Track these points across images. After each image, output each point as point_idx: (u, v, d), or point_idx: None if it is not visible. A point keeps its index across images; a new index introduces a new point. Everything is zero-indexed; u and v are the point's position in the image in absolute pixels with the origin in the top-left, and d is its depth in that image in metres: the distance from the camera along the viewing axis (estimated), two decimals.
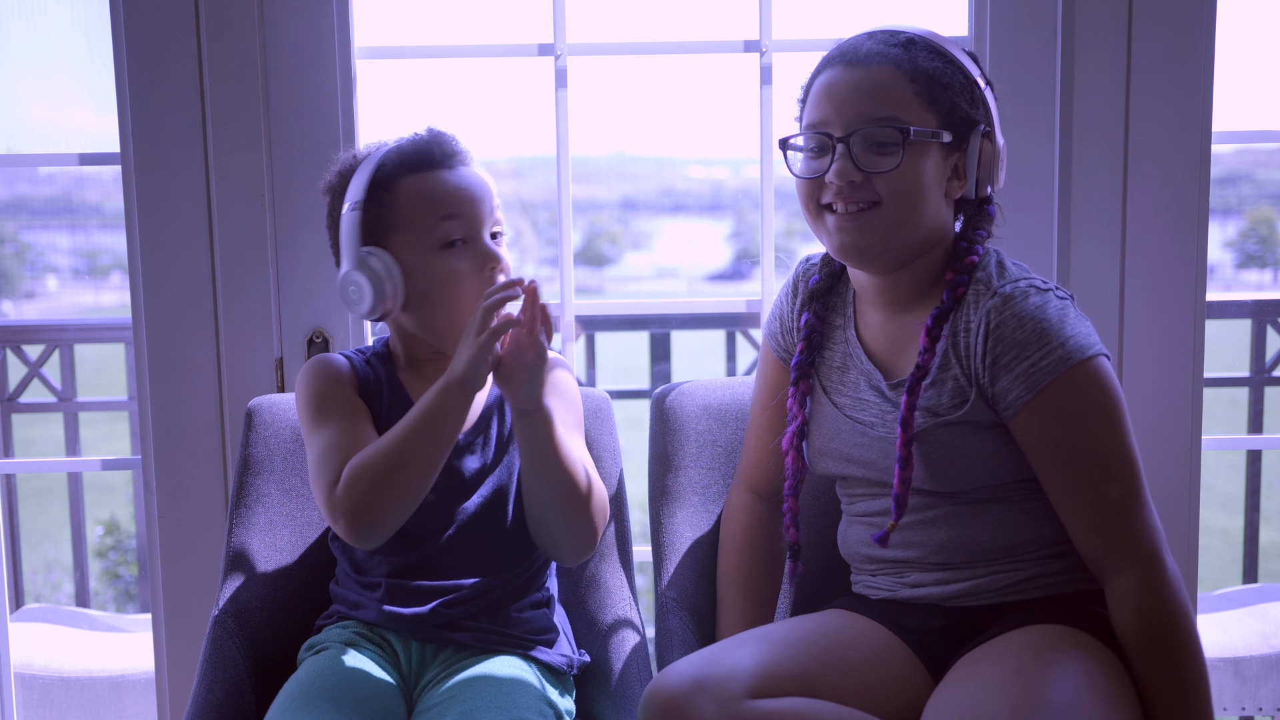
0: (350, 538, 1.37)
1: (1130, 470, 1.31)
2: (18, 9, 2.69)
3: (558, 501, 1.40)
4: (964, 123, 1.37)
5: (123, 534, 5.87)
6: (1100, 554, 1.31)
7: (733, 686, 1.23)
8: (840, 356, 1.48)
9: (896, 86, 1.35)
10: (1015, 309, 1.32)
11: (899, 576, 1.43)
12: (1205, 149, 1.81)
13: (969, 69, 1.39)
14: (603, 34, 1.92)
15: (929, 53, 1.37)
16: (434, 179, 1.47)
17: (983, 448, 1.35)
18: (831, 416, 1.47)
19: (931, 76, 1.36)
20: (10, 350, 2.73)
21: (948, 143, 1.36)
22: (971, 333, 1.34)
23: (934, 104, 1.35)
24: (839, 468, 1.47)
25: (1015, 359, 1.31)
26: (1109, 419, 1.30)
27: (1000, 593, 1.37)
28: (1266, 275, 16.65)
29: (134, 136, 1.80)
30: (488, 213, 1.47)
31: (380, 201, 1.46)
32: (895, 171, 1.34)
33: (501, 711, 1.31)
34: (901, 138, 1.33)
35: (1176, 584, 1.29)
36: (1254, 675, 2.18)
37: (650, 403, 1.72)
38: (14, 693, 2.06)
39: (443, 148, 1.49)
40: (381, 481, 1.35)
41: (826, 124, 1.37)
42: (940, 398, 1.36)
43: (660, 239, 23.25)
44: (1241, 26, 2.03)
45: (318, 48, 1.82)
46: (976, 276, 1.37)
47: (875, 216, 1.36)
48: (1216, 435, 2.01)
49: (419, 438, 1.36)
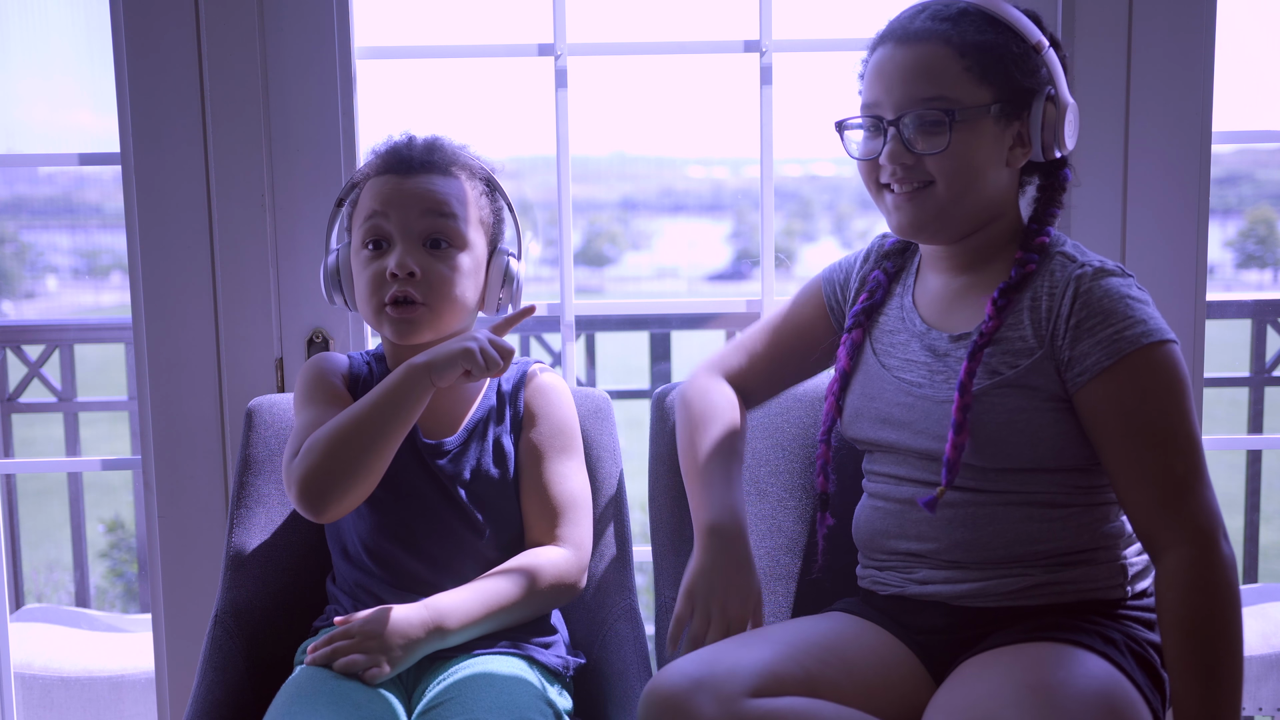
0: (301, 507, 1.39)
1: (1196, 450, 1.31)
2: (18, 9, 2.69)
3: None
4: (1023, 91, 1.36)
5: (125, 532, 5.87)
6: (1156, 528, 1.29)
7: (733, 685, 1.22)
8: (894, 320, 1.49)
9: (945, 64, 1.35)
10: (1105, 281, 1.34)
11: (908, 573, 1.43)
12: (1205, 149, 1.81)
13: (1027, 33, 1.37)
14: (603, 34, 1.92)
15: (981, 23, 1.36)
16: (383, 182, 1.50)
17: (1032, 418, 1.34)
18: (878, 376, 1.47)
19: (983, 49, 1.35)
20: (10, 350, 2.72)
21: (1004, 114, 1.36)
22: (1056, 296, 1.35)
23: (986, 77, 1.35)
24: (873, 431, 1.46)
25: (1100, 324, 1.31)
26: (1181, 399, 1.31)
27: (1007, 597, 1.37)
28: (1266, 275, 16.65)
29: (134, 136, 1.80)
30: (415, 214, 1.47)
31: (351, 199, 1.55)
32: (945, 152, 1.35)
33: (504, 712, 1.31)
34: (949, 119, 1.34)
35: (1229, 568, 1.27)
36: (1254, 675, 2.18)
37: (650, 403, 1.72)
38: (14, 693, 2.06)
39: (408, 153, 1.51)
40: (332, 451, 1.38)
41: (879, 105, 1.39)
42: (1000, 356, 1.36)
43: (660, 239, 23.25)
44: (1241, 26, 2.03)
45: (318, 48, 1.82)
46: (1057, 252, 1.38)
47: (930, 195, 1.37)
48: (1216, 435, 2.01)
49: (374, 411, 1.39)
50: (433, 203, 1.48)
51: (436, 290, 1.47)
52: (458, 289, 1.49)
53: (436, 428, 1.52)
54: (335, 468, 1.38)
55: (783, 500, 1.66)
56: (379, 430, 1.39)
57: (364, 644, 1.36)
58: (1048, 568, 1.37)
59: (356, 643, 1.36)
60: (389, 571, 1.46)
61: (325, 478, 1.38)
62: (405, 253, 1.47)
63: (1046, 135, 1.38)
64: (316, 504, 1.38)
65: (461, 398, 1.55)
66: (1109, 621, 1.35)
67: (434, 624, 1.38)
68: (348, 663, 1.35)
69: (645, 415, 1.76)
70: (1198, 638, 1.25)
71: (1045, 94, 1.37)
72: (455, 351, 1.39)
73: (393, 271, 1.46)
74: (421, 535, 1.47)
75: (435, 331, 1.50)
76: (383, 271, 1.47)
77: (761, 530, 1.65)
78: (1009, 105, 1.36)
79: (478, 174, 1.55)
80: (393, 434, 1.40)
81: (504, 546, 1.50)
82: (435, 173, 1.50)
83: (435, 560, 1.47)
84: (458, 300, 1.50)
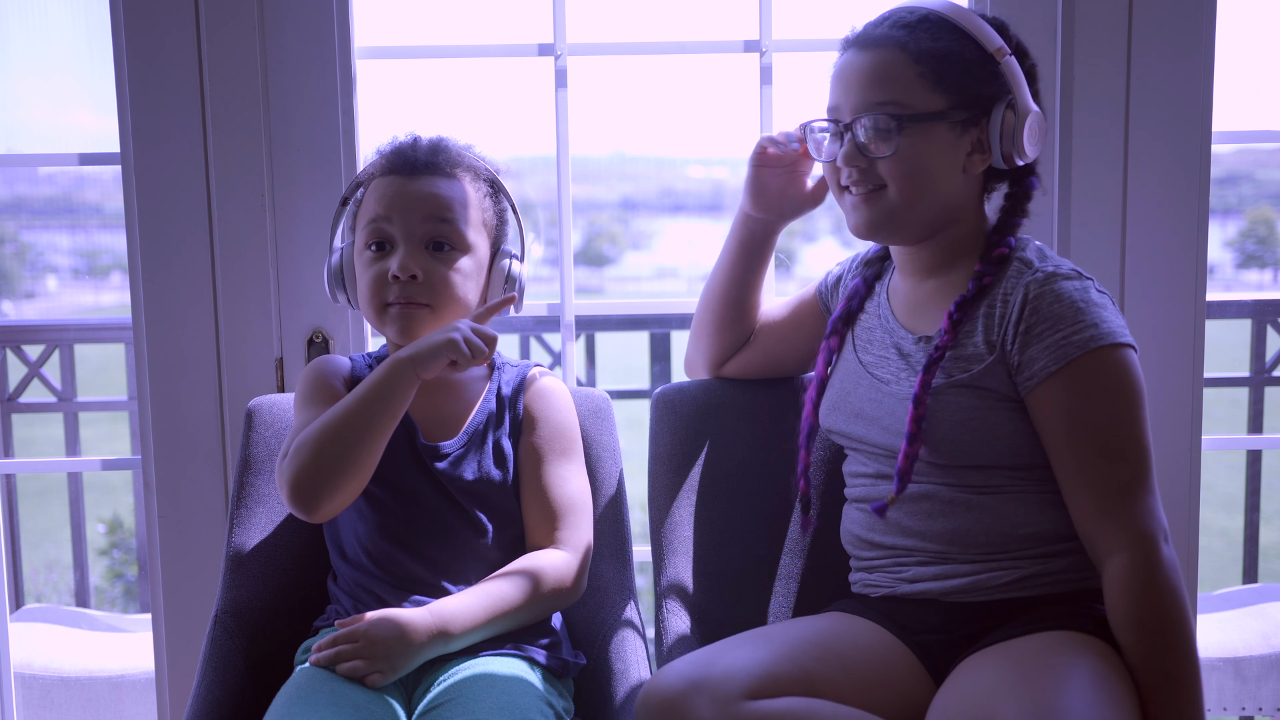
0: (293, 506, 1.40)
1: (1142, 457, 1.32)
2: (18, 9, 2.69)
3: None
4: (981, 98, 1.38)
5: (125, 533, 5.87)
6: (1099, 534, 1.31)
7: (730, 687, 1.22)
8: (872, 318, 1.53)
9: (899, 70, 1.37)
10: (1056, 286, 1.34)
11: (897, 573, 1.43)
12: (1205, 149, 1.81)
13: (986, 40, 1.38)
14: (603, 34, 1.92)
15: (938, 30, 1.38)
16: (387, 184, 1.51)
17: (986, 417, 1.36)
18: (855, 371, 1.50)
19: (938, 56, 1.37)
20: (10, 350, 2.72)
21: (963, 119, 1.37)
22: (1009, 303, 1.36)
23: (941, 83, 1.37)
24: (845, 424, 1.49)
25: (1048, 330, 1.33)
26: (1129, 404, 1.32)
27: (999, 590, 1.37)
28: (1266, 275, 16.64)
29: (134, 136, 1.80)
30: (418, 218, 1.48)
31: (355, 199, 1.56)
32: (896, 156, 1.37)
33: (504, 713, 1.31)
34: (896, 123, 1.36)
35: (1171, 571, 1.28)
36: (1254, 675, 2.18)
37: (650, 403, 1.72)
38: (14, 693, 2.06)
39: (413, 154, 1.52)
40: (321, 449, 1.39)
41: (838, 109, 1.43)
42: (954, 360, 1.38)
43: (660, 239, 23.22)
44: (1241, 26, 2.03)
45: (318, 48, 1.82)
46: (1017, 258, 1.40)
47: (883, 198, 1.41)
48: (1216, 435, 2.01)
49: (360, 406, 1.40)
50: (435, 206, 1.49)
51: (439, 292, 1.48)
52: (460, 291, 1.50)
53: (437, 430, 1.52)
54: (325, 465, 1.38)
55: (783, 500, 1.66)
56: (366, 426, 1.40)
57: (368, 649, 1.35)
58: (1036, 558, 1.37)
59: (361, 647, 1.35)
60: (389, 572, 1.46)
61: (315, 475, 1.38)
62: (408, 255, 1.47)
63: (1005, 143, 1.39)
64: (308, 502, 1.39)
65: (462, 400, 1.55)
66: (1100, 605, 1.35)
67: (438, 629, 1.38)
68: (350, 668, 1.34)
69: (645, 415, 1.76)
70: (1147, 640, 1.27)
71: (1005, 101, 1.38)
72: (439, 343, 1.40)
73: (395, 274, 1.47)
74: (422, 536, 1.47)
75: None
76: (385, 273, 1.48)
77: (761, 531, 1.65)
78: (965, 112, 1.38)
79: (482, 175, 1.55)
80: (380, 429, 1.40)
81: (506, 547, 1.50)
82: (439, 174, 1.51)
83: (436, 561, 1.47)
84: (460, 301, 1.50)
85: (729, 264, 1.62)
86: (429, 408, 1.53)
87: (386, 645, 1.35)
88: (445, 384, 1.55)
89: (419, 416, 1.52)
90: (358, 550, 1.48)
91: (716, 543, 1.63)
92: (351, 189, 1.57)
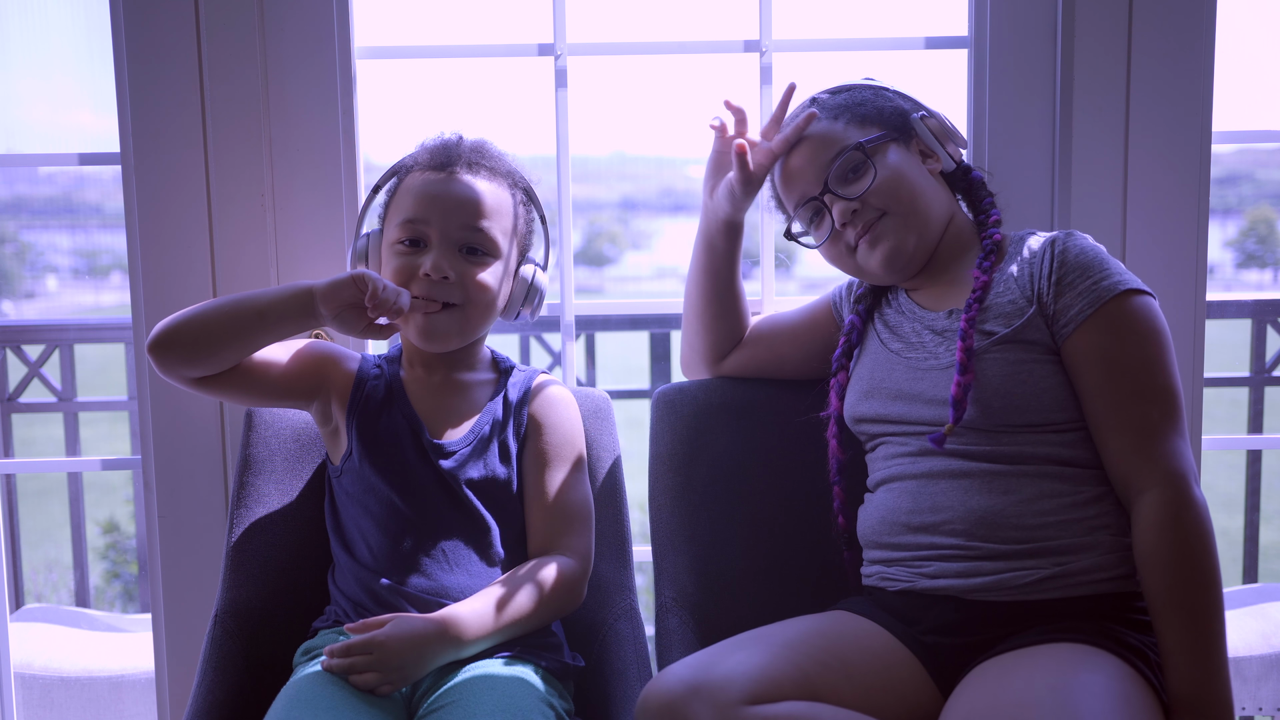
0: (148, 345, 1.42)
1: (1173, 398, 1.38)
2: (18, 9, 2.69)
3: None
4: (898, 117, 1.54)
5: (122, 534, 5.87)
6: (1132, 473, 1.36)
7: (729, 692, 1.22)
8: (896, 313, 1.58)
9: (829, 131, 1.53)
10: (1078, 241, 1.45)
11: (919, 568, 1.43)
12: (1205, 149, 1.81)
13: (868, 83, 1.58)
14: (603, 34, 1.92)
15: (832, 97, 1.57)
16: (422, 180, 1.52)
17: (1032, 369, 1.40)
18: (885, 360, 1.54)
19: (846, 106, 1.54)
20: (10, 350, 2.72)
21: (897, 138, 1.52)
22: (1035, 261, 1.45)
23: (864, 120, 1.53)
24: (884, 407, 1.51)
25: (1079, 278, 1.41)
26: (1159, 347, 1.39)
27: (1019, 590, 1.37)
28: (1266, 275, 16.64)
29: (134, 136, 1.80)
30: (456, 223, 1.50)
31: (391, 189, 1.57)
32: (878, 179, 1.49)
33: (506, 713, 1.31)
34: (862, 154, 1.50)
35: (1199, 510, 1.32)
36: (1254, 675, 2.18)
37: (650, 403, 1.72)
38: (14, 693, 2.06)
39: (448, 153, 1.53)
40: (200, 313, 1.43)
41: (803, 194, 1.54)
42: (995, 319, 1.44)
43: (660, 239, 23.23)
44: (1241, 26, 2.03)
45: (318, 48, 1.82)
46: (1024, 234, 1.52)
47: (887, 223, 1.50)
48: (1216, 435, 2.01)
49: (250, 304, 1.44)
50: (474, 211, 1.50)
51: (468, 293, 1.50)
52: (488, 294, 1.52)
53: (443, 428, 1.53)
54: (191, 326, 1.42)
55: (783, 500, 1.66)
56: (244, 325, 1.43)
57: (382, 661, 1.34)
58: (1056, 559, 1.37)
59: (375, 660, 1.35)
60: (393, 568, 1.46)
61: (178, 327, 1.42)
62: (441, 256, 1.49)
63: (942, 140, 1.54)
64: (158, 346, 1.42)
65: (469, 401, 1.56)
66: (1121, 626, 1.35)
67: (450, 639, 1.38)
68: (363, 681, 1.34)
69: (645, 415, 1.76)
70: (1174, 576, 1.29)
71: (917, 114, 1.54)
72: (345, 278, 1.42)
73: (427, 272, 1.49)
74: (427, 533, 1.47)
75: (462, 336, 1.53)
76: (415, 268, 1.50)
77: (761, 530, 1.65)
78: (895, 131, 1.53)
79: (519, 183, 1.58)
80: (252, 334, 1.44)
81: (510, 545, 1.51)
82: (480, 175, 1.53)
83: (440, 558, 1.47)
84: (487, 305, 1.52)
85: (702, 260, 1.66)
86: (436, 406, 1.54)
87: (401, 656, 1.35)
88: (453, 384, 1.57)
89: (426, 414, 1.53)
90: (363, 546, 1.48)
91: (716, 543, 1.63)
92: (387, 176, 1.58)
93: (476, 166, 1.53)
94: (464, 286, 1.50)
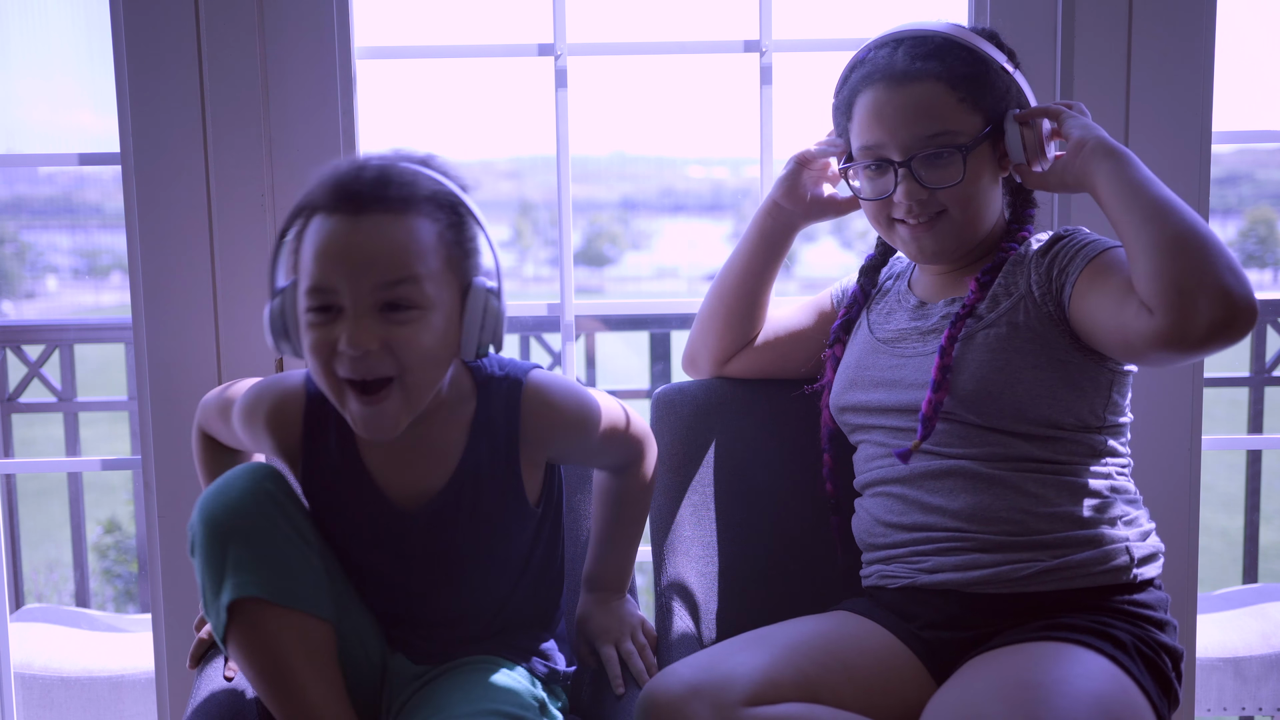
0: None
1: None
2: (18, 9, 2.69)
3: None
4: (1001, 108, 1.45)
5: (123, 534, 5.87)
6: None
7: (730, 693, 1.22)
8: (891, 304, 1.57)
9: (943, 101, 1.42)
10: (1063, 230, 1.46)
11: (917, 563, 1.43)
12: (1205, 149, 1.81)
13: (997, 57, 1.45)
14: (603, 34, 1.92)
15: (965, 56, 1.43)
16: (324, 231, 1.24)
17: (1011, 358, 1.39)
18: (873, 348, 1.54)
19: (971, 80, 1.43)
20: (10, 350, 2.72)
21: (990, 136, 1.44)
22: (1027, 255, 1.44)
23: (978, 105, 1.43)
24: (866, 395, 1.51)
25: (1073, 253, 1.40)
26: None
27: (1018, 583, 1.37)
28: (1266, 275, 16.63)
29: (134, 136, 1.80)
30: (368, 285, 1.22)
31: (297, 233, 1.29)
32: (960, 184, 1.43)
33: (494, 690, 1.32)
34: (962, 153, 1.41)
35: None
36: (1254, 675, 2.18)
37: (650, 403, 1.72)
38: (14, 693, 2.06)
39: (347, 193, 1.24)
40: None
41: (883, 147, 1.45)
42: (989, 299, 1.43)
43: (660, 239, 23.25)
44: (1241, 26, 2.03)
45: (318, 48, 1.82)
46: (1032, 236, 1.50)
47: (946, 223, 1.46)
48: (1216, 435, 2.01)
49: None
50: (387, 265, 1.22)
51: (401, 360, 1.24)
52: (428, 354, 1.26)
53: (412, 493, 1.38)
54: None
55: (783, 500, 1.66)
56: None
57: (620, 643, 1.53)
58: (1055, 547, 1.37)
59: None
60: (403, 603, 1.44)
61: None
62: (357, 328, 1.23)
63: (1030, 151, 1.43)
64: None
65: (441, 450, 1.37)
66: (1121, 622, 1.35)
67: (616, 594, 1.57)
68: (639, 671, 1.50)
69: (645, 415, 1.76)
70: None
71: (1014, 110, 1.44)
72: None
73: (343, 349, 1.23)
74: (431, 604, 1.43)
75: (411, 411, 1.28)
76: (334, 340, 1.24)
77: (762, 530, 1.65)
78: (992, 126, 1.44)
79: (443, 202, 1.28)
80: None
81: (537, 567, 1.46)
82: (390, 212, 1.24)
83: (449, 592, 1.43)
84: (430, 365, 1.27)
85: (748, 254, 1.65)
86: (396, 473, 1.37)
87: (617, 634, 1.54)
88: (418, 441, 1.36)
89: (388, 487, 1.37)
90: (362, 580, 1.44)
91: (717, 543, 1.63)
92: (290, 220, 1.29)
93: (385, 202, 1.23)
94: (394, 354, 1.23)
